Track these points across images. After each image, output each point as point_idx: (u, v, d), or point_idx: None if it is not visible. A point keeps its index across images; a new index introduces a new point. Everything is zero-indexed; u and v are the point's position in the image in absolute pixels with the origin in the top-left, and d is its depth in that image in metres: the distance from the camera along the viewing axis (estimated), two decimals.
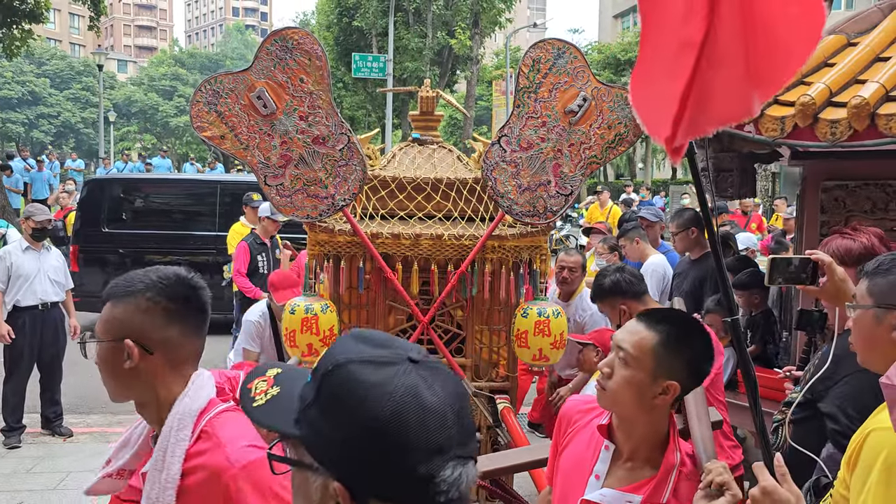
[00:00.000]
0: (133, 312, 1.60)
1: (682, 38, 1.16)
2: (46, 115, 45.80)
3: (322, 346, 3.42)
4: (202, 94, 3.23)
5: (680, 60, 1.16)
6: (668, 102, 1.16)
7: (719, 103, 1.18)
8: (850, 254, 2.61)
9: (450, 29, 24.61)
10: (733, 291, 4.87)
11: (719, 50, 1.15)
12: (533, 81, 3.41)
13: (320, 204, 3.38)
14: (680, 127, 1.17)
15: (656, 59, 1.26)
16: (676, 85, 1.16)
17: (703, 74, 1.15)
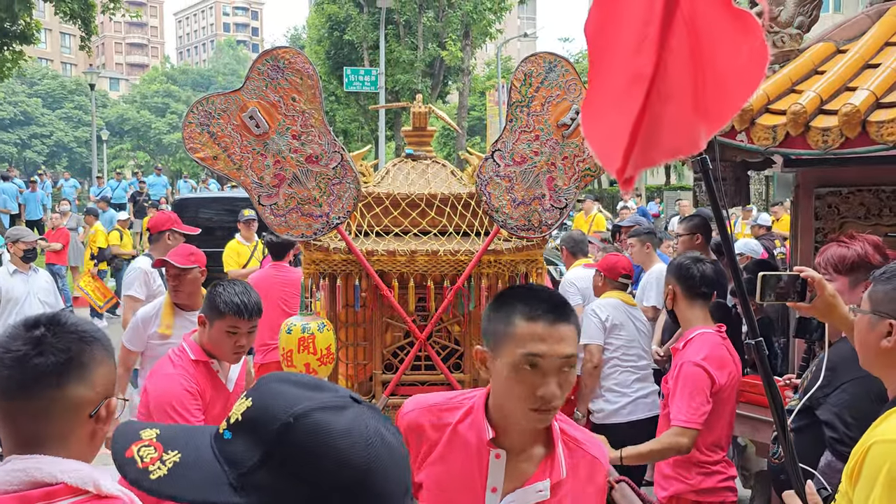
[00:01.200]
0: None
1: (634, 71, 1.17)
2: (39, 135, 45.83)
3: (319, 365, 3.40)
4: (194, 115, 3.23)
5: (631, 93, 1.17)
6: (620, 135, 1.18)
7: (668, 136, 1.19)
8: (844, 262, 2.62)
9: (441, 41, 24.69)
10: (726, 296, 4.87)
11: (669, 83, 1.16)
12: (525, 95, 3.41)
13: (315, 222, 3.37)
14: (630, 159, 1.18)
15: (607, 92, 1.27)
16: (627, 118, 1.17)
17: (653, 107, 1.16)
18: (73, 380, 1.40)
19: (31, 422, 1.38)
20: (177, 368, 2.84)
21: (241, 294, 2.88)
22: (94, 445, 1.49)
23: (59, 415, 1.39)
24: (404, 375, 3.60)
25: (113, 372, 1.51)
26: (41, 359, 1.37)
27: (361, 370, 3.69)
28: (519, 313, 1.63)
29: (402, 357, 3.64)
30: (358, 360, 3.67)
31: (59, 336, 1.41)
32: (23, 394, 1.37)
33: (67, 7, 14.19)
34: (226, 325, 2.84)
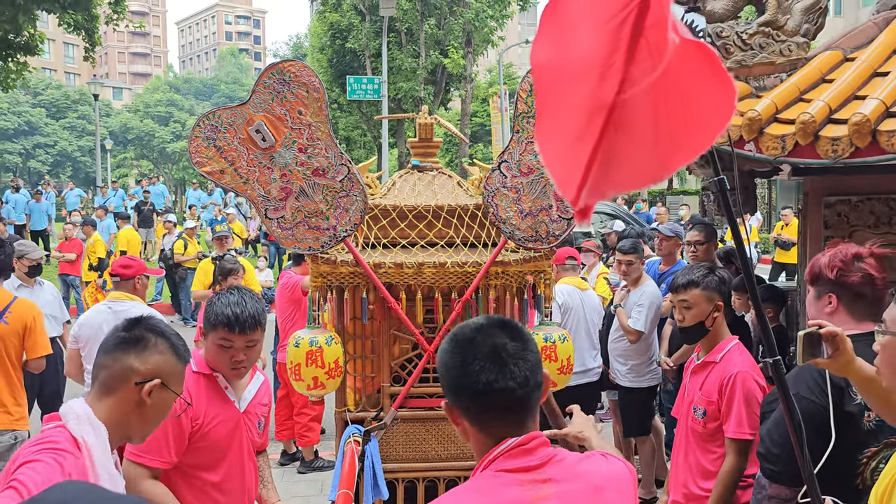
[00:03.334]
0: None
1: (596, 101, 1.15)
2: (43, 145, 45.98)
3: (328, 378, 3.38)
4: (201, 129, 3.23)
5: (592, 122, 1.16)
6: (576, 163, 1.17)
7: (623, 168, 1.17)
8: (811, 271, 2.59)
9: (443, 48, 24.72)
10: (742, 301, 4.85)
11: (628, 114, 1.14)
12: (531, 106, 3.41)
13: (322, 235, 3.36)
14: (583, 190, 1.17)
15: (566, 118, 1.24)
16: (585, 146, 1.15)
17: (609, 139, 1.14)
18: (133, 353, 1.97)
19: (100, 371, 1.98)
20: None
21: (235, 305, 2.67)
22: (142, 414, 1.96)
23: (115, 372, 1.96)
24: (413, 388, 3.58)
25: (171, 364, 2.02)
26: (123, 333, 2.01)
27: (369, 383, 3.67)
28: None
29: (410, 370, 3.62)
30: (366, 372, 3.65)
31: (141, 324, 2.04)
32: (104, 352, 2.00)
33: (71, 18, 14.23)
34: (217, 338, 2.68)
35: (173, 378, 2.01)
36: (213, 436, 2.70)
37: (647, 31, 1.12)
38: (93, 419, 1.88)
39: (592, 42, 1.17)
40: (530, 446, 1.55)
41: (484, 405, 1.54)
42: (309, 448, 5.95)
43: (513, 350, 1.52)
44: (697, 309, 3.18)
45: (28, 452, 1.77)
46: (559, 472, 1.55)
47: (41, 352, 4.72)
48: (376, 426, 3.53)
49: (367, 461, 3.39)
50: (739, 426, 2.99)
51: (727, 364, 3.11)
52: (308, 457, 5.97)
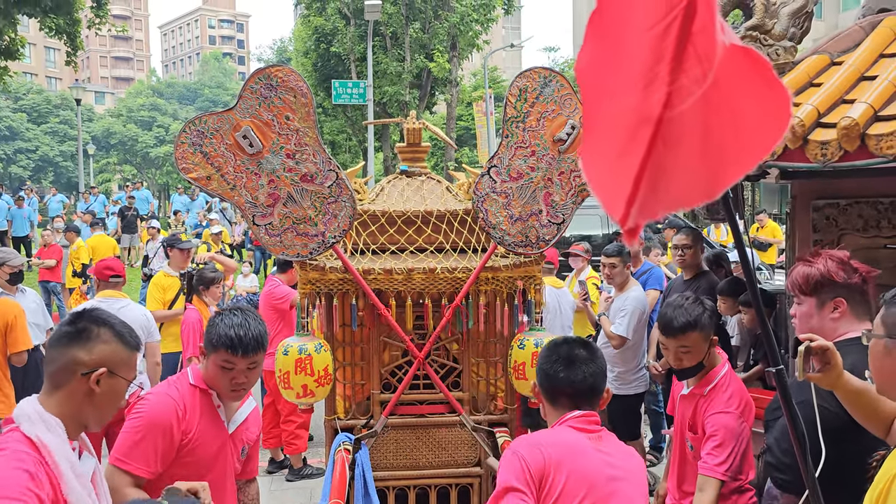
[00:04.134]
0: None
1: (641, 112, 1.08)
2: (24, 150, 45.45)
3: (317, 386, 3.35)
4: (187, 134, 3.18)
5: (637, 136, 1.08)
6: (623, 180, 1.09)
7: (675, 185, 1.10)
8: (808, 281, 2.54)
9: (428, 52, 24.70)
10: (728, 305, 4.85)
11: (678, 128, 1.07)
12: (520, 111, 3.39)
13: (310, 242, 3.33)
14: (632, 209, 1.10)
15: (610, 132, 1.17)
16: (631, 162, 1.08)
17: (658, 154, 1.07)
18: (76, 345, 1.99)
19: (47, 366, 2.01)
20: (171, 389, 2.65)
21: (239, 326, 2.59)
22: (92, 403, 1.99)
23: (60, 366, 1.99)
24: (403, 395, 3.56)
25: (118, 352, 2.03)
26: (66, 327, 2.03)
27: (359, 390, 3.64)
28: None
29: (400, 376, 3.60)
30: (356, 380, 3.62)
31: (84, 317, 2.05)
32: (50, 347, 2.04)
33: (52, 23, 14.06)
34: (219, 359, 2.60)
35: (121, 365, 2.04)
36: (200, 452, 2.64)
37: (695, 38, 1.05)
38: (45, 416, 1.92)
39: (635, 50, 1.10)
40: (592, 419, 2.22)
41: (553, 388, 2.27)
42: (297, 455, 5.90)
43: (581, 356, 2.26)
44: (696, 350, 3.07)
45: None
46: (609, 439, 2.22)
47: (22, 347, 5.02)
48: (366, 434, 3.50)
49: (358, 469, 3.36)
50: (717, 466, 2.89)
51: (712, 400, 3.02)
52: (296, 464, 5.91)
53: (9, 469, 1.79)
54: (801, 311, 2.58)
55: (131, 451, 2.50)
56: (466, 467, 3.62)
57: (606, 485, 2.10)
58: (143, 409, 2.60)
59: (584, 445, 2.15)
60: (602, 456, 2.15)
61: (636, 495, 2.16)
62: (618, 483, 2.13)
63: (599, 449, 2.16)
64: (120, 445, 2.53)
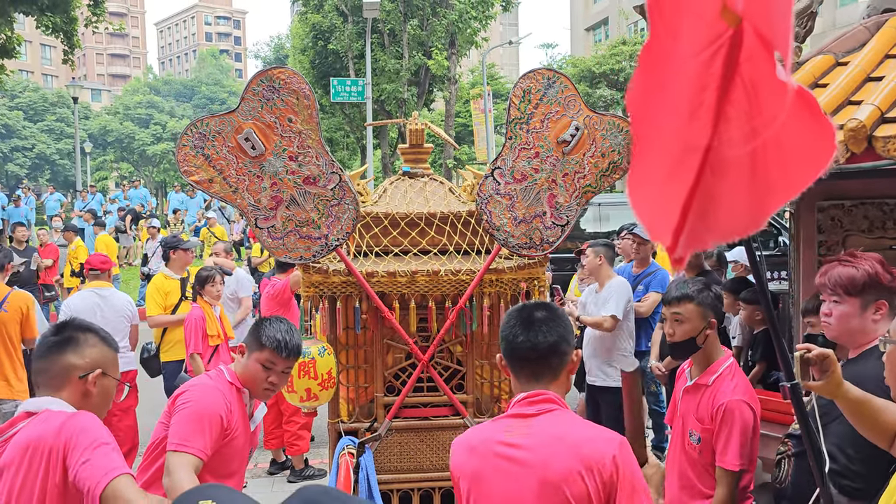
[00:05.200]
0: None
1: (687, 140, 1.06)
2: (21, 148, 45.33)
3: (321, 389, 3.34)
4: (188, 137, 3.16)
5: (683, 163, 1.06)
6: (670, 209, 1.07)
7: (723, 214, 1.07)
8: (854, 283, 2.52)
9: (426, 49, 24.64)
10: (728, 302, 4.83)
11: (724, 157, 1.05)
12: (524, 112, 3.37)
13: (313, 245, 3.31)
14: (681, 238, 1.07)
15: (656, 159, 1.15)
16: (678, 190, 1.06)
17: (706, 182, 1.05)
18: (69, 351, 2.17)
19: (41, 376, 2.18)
20: (214, 381, 2.82)
21: (286, 332, 2.85)
22: (89, 403, 2.18)
23: (55, 372, 2.16)
24: (407, 397, 3.54)
25: (106, 354, 2.24)
26: (54, 337, 2.20)
27: (363, 393, 3.62)
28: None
29: (404, 379, 3.58)
30: (359, 383, 3.60)
31: (68, 326, 2.24)
32: (40, 357, 2.20)
33: (49, 21, 13.97)
34: (263, 358, 2.81)
35: (110, 365, 2.25)
36: (234, 445, 2.79)
37: (742, 67, 1.02)
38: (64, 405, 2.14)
39: (681, 77, 1.08)
40: (534, 400, 2.01)
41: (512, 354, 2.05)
42: (299, 457, 5.88)
43: (540, 317, 2.03)
44: (690, 324, 3.04)
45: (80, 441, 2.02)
46: (543, 422, 1.97)
47: (35, 333, 5.50)
48: (370, 438, 3.48)
49: (362, 473, 3.35)
50: (733, 457, 2.90)
51: (718, 389, 2.99)
52: (298, 465, 5.90)
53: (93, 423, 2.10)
54: (841, 311, 2.54)
55: (191, 437, 2.62)
56: None
57: (492, 476, 1.98)
58: (193, 399, 2.72)
59: (490, 438, 2.02)
60: (507, 449, 1.97)
61: (523, 490, 1.94)
62: (506, 473, 1.96)
63: (512, 440, 1.97)
64: (178, 433, 2.63)
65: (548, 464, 1.90)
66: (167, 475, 2.52)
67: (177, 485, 2.45)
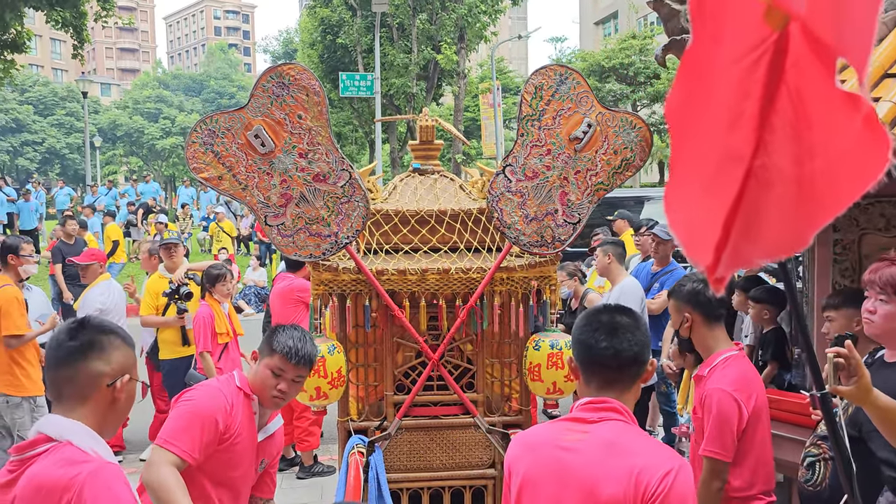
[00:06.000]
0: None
1: (728, 150, 0.99)
2: (31, 143, 45.58)
3: (330, 388, 3.32)
4: (198, 134, 3.14)
5: (724, 175, 0.99)
6: (710, 223, 1.00)
7: (770, 230, 0.99)
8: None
9: (435, 43, 24.58)
10: (741, 300, 4.79)
11: (770, 168, 0.97)
12: (536, 109, 3.34)
13: (323, 242, 3.29)
14: (723, 255, 0.99)
15: (694, 170, 1.07)
16: (720, 203, 0.99)
17: (751, 196, 0.98)
18: (93, 357, 1.96)
19: (63, 385, 1.95)
20: (220, 384, 2.80)
21: (298, 339, 2.81)
22: (115, 410, 2.00)
23: (82, 382, 1.94)
24: (417, 396, 3.52)
25: (130, 356, 2.04)
26: (72, 342, 1.96)
27: (372, 392, 3.60)
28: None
29: (413, 378, 3.56)
30: (369, 381, 3.59)
31: (86, 328, 2.00)
32: (59, 366, 1.96)
33: (59, 16, 14.02)
34: (273, 364, 2.78)
35: (133, 367, 2.08)
36: (234, 450, 2.74)
37: (788, 74, 0.96)
38: (88, 430, 1.94)
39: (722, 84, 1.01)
40: (598, 406, 1.92)
41: (590, 359, 1.96)
42: (308, 453, 5.88)
43: (624, 323, 1.96)
44: (674, 318, 3.33)
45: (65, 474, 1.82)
46: (601, 428, 1.89)
47: (14, 331, 5.20)
48: (380, 437, 3.47)
49: (372, 472, 3.33)
50: (706, 443, 2.99)
51: (709, 380, 3.09)
52: (307, 462, 5.89)
53: (118, 484, 1.84)
54: (888, 310, 2.56)
55: (178, 435, 2.59)
56: (480, 469, 3.58)
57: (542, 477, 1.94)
58: (193, 398, 2.71)
59: (548, 440, 1.97)
60: (561, 453, 1.93)
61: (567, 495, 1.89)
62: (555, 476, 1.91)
63: (566, 444, 1.92)
64: (167, 429, 2.61)
65: (594, 470, 1.84)
66: (147, 469, 2.49)
67: (154, 480, 2.43)
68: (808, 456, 2.77)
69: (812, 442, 2.79)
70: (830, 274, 3.70)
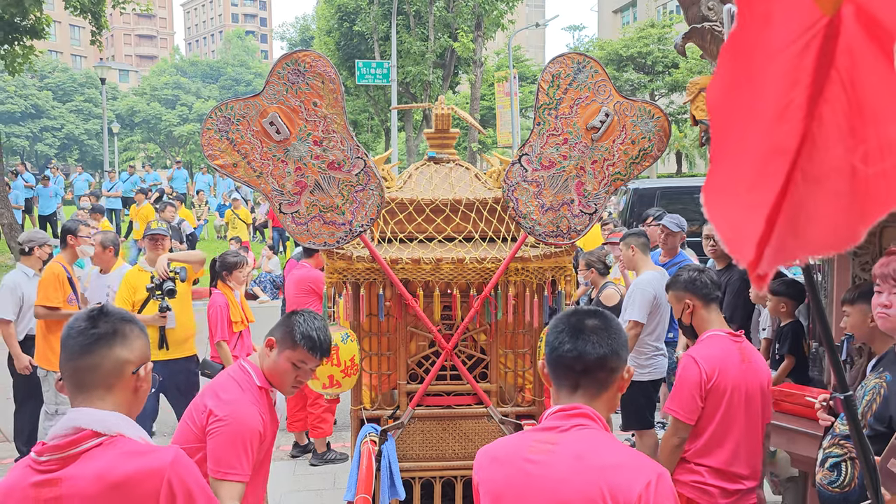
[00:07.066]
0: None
1: (773, 142, 0.95)
2: (50, 128, 45.89)
3: (343, 376, 3.32)
4: (213, 120, 3.14)
5: (769, 168, 0.95)
6: (753, 218, 0.96)
7: (817, 227, 0.95)
8: None
9: (451, 31, 24.47)
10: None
11: (819, 161, 0.93)
12: (553, 97, 3.30)
13: (337, 231, 3.28)
14: (766, 251, 0.96)
15: (737, 166, 1.03)
16: (763, 197, 0.95)
17: (797, 190, 0.94)
18: (118, 345, 1.94)
19: (88, 374, 1.91)
20: (247, 395, 2.68)
21: (320, 330, 2.74)
22: (137, 399, 2.00)
23: (108, 369, 1.92)
24: (430, 386, 3.51)
25: (146, 342, 2.03)
26: (96, 329, 1.93)
27: (385, 381, 3.60)
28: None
29: (427, 367, 3.55)
30: (382, 370, 3.58)
31: (108, 315, 1.98)
32: (82, 354, 1.92)
33: (77, 2, 14.07)
34: (295, 357, 2.70)
35: (150, 356, 2.08)
36: (264, 447, 2.73)
37: (839, 60, 0.91)
38: (130, 420, 1.94)
39: (768, 73, 0.97)
40: (568, 413, 1.79)
41: (556, 362, 1.84)
42: (321, 440, 5.89)
43: (592, 326, 1.83)
44: (674, 308, 3.55)
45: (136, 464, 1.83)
46: (571, 438, 1.76)
47: (44, 301, 5.38)
48: (393, 426, 3.46)
49: (384, 461, 3.33)
50: (670, 402, 3.27)
51: (688, 350, 3.39)
52: (320, 449, 5.91)
53: (195, 467, 1.94)
54: None
55: (234, 461, 2.54)
56: None
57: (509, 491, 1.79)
58: (230, 418, 2.60)
59: (515, 452, 1.82)
60: (528, 466, 1.78)
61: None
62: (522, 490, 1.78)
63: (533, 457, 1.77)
64: (220, 459, 2.55)
65: (563, 486, 1.70)
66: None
67: None
68: (829, 457, 2.73)
69: (833, 443, 2.74)
70: (850, 268, 3.65)
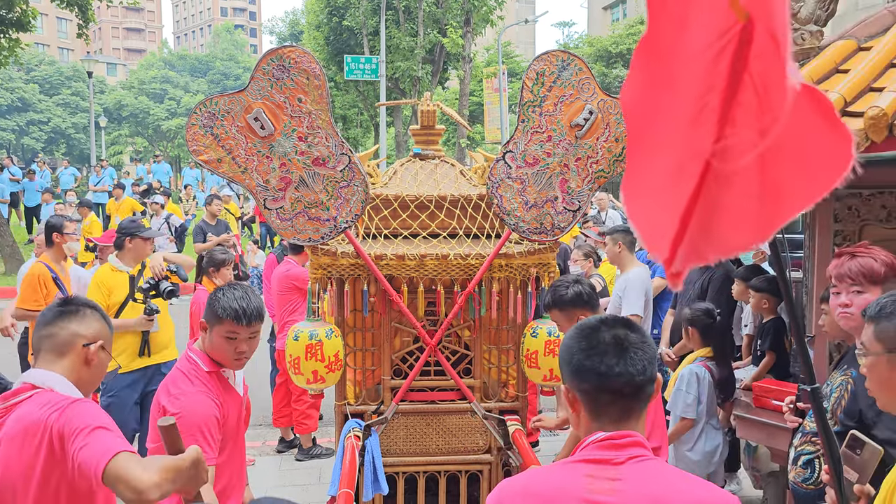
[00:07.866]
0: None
1: (688, 144, 0.98)
2: (37, 122, 45.51)
3: (327, 372, 3.33)
4: (198, 116, 3.14)
5: (683, 169, 0.98)
6: (668, 217, 0.99)
7: (726, 227, 0.98)
8: (875, 272, 2.61)
9: (441, 27, 24.44)
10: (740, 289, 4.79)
11: (730, 163, 0.96)
12: (537, 95, 3.32)
13: (322, 226, 3.29)
14: (679, 250, 0.99)
15: (653, 163, 1.06)
16: (678, 198, 0.98)
17: (709, 191, 0.97)
18: (75, 321, 2.30)
19: (46, 341, 2.28)
20: (196, 385, 2.73)
21: (241, 299, 2.78)
22: (89, 371, 2.30)
23: (62, 339, 2.28)
24: (414, 381, 3.53)
25: (104, 328, 2.37)
26: (61, 308, 2.33)
27: (370, 376, 3.61)
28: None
29: (411, 363, 3.57)
30: (366, 365, 3.60)
31: (75, 301, 2.38)
32: (44, 325, 2.30)
33: None
34: (224, 331, 2.75)
35: (107, 342, 2.37)
36: (228, 425, 2.78)
37: (752, 65, 0.93)
38: (68, 382, 2.21)
39: (683, 77, 1.00)
40: (620, 443, 1.55)
41: (602, 388, 1.57)
42: (307, 435, 5.90)
43: (634, 340, 1.59)
44: (563, 327, 3.28)
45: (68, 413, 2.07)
46: (634, 474, 1.53)
47: (20, 304, 5.39)
48: (377, 421, 3.48)
49: (368, 456, 3.34)
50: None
51: None
52: (306, 444, 5.92)
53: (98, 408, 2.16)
54: (865, 299, 2.57)
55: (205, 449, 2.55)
56: (476, 454, 3.59)
57: None
58: (184, 411, 2.61)
59: (571, 492, 1.54)
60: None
61: None
62: None
63: (599, 497, 1.51)
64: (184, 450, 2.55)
65: None
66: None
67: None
68: (802, 454, 2.77)
69: (805, 440, 2.78)
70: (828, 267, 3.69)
